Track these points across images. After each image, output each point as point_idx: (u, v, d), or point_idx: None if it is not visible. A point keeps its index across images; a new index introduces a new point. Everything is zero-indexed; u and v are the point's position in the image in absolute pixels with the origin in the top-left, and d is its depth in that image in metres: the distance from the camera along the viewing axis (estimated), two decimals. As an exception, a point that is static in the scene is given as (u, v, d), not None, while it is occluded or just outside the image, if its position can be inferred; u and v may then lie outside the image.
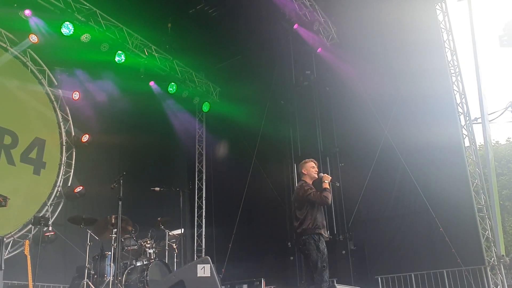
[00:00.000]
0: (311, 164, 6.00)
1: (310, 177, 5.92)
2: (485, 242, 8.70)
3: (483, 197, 8.92)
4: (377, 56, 10.44)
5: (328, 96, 11.18)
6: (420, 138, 9.30)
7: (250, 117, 11.60)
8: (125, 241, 7.65)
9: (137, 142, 11.15)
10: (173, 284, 2.36)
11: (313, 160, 6.09)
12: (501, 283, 8.47)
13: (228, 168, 12.33)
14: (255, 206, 11.40)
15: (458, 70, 9.71)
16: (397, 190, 9.59)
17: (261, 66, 12.07)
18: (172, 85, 11.86)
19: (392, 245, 9.33)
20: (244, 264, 10.59)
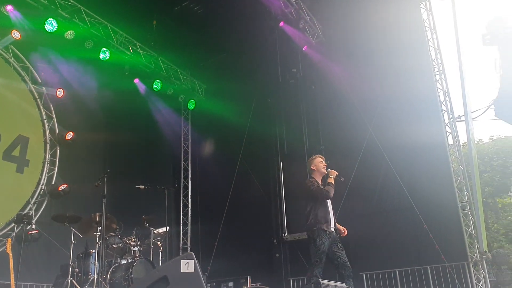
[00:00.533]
0: (319, 159, 6.16)
1: (320, 173, 6.08)
2: (468, 238, 8.80)
3: (466, 194, 9.03)
4: (362, 54, 10.50)
5: (314, 94, 11.20)
6: (404, 136, 9.38)
7: (236, 115, 11.58)
8: (109, 239, 7.62)
9: (121, 140, 11.06)
10: (156, 280, 2.35)
11: (321, 156, 6.29)
12: (484, 278, 8.58)
13: (214, 166, 12.29)
14: (241, 204, 11.40)
15: (442, 69, 9.80)
16: (381, 187, 9.67)
17: (247, 63, 12.05)
18: (157, 82, 11.79)
19: (377, 241, 9.40)
20: (230, 261, 10.60)
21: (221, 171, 11.99)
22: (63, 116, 10.44)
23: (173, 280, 2.34)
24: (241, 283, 9.74)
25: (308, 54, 11.13)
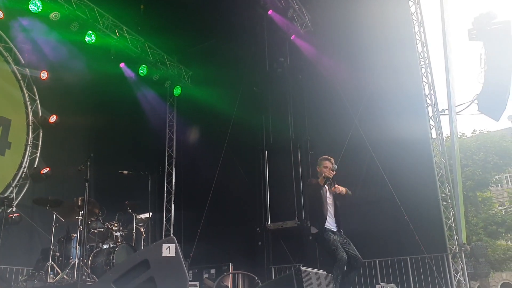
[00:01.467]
0: (324, 163, 6.13)
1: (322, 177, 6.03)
2: (448, 230, 8.95)
3: (448, 187, 9.16)
4: (349, 45, 10.52)
5: (300, 84, 11.21)
6: (389, 128, 9.45)
7: (223, 103, 11.53)
8: (91, 224, 7.58)
9: (106, 124, 10.95)
10: (137, 263, 2.35)
11: (329, 158, 6.20)
12: (462, 270, 8.75)
13: (199, 153, 12.25)
14: (225, 191, 11.40)
15: (428, 62, 9.87)
16: (364, 178, 9.73)
17: (234, 51, 11.99)
18: (143, 67, 11.68)
19: (358, 231, 9.40)
20: (213, 248, 10.64)
21: (206, 159, 11.96)
22: (47, 98, 10.28)
23: (154, 264, 2.34)
24: (223, 270, 9.78)
25: (296, 44, 11.12)
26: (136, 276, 2.33)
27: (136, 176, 8.42)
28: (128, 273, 2.34)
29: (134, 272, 2.34)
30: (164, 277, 2.33)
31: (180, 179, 12.81)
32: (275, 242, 10.47)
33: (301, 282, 2.79)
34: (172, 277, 2.36)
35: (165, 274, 2.35)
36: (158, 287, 2.28)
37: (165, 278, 2.33)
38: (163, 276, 2.33)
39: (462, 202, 9.50)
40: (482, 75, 10.06)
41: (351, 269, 5.64)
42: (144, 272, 2.34)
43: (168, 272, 2.37)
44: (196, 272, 10.16)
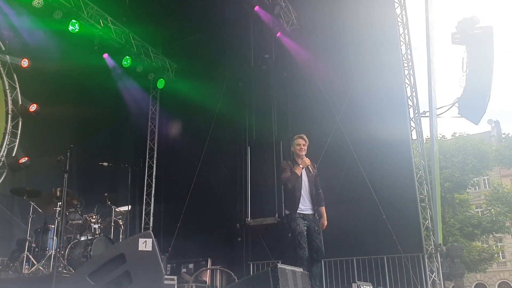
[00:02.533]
0: (298, 141, 6.12)
1: (296, 155, 6.05)
2: (425, 231, 9.08)
3: (426, 188, 9.29)
4: (334, 44, 10.57)
5: (285, 81, 11.22)
6: (370, 128, 9.55)
7: (206, 97, 11.49)
8: (69, 215, 7.52)
9: (87, 115, 10.81)
10: (113, 257, 2.34)
11: (302, 136, 6.19)
12: (437, 270, 8.89)
13: (181, 147, 12.19)
14: (206, 186, 11.38)
15: (411, 64, 9.98)
16: (344, 177, 9.82)
17: (220, 46, 11.95)
18: (127, 58, 11.55)
19: (337, 230, 9.49)
20: (192, 243, 10.62)
21: (187, 153, 11.91)
22: (28, 87, 10.11)
23: (130, 258, 2.33)
24: (201, 265, 9.78)
25: (281, 41, 11.11)
26: (112, 270, 2.32)
27: (116, 168, 8.38)
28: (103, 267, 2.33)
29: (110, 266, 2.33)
30: (140, 272, 2.32)
31: (160, 173, 12.74)
32: (255, 238, 10.50)
33: (277, 279, 2.81)
34: (148, 271, 2.35)
35: (141, 268, 2.35)
36: (133, 282, 2.27)
37: (141, 272, 2.32)
38: (139, 271, 2.33)
39: (439, 203, 9.65)
40: (463, 78, 10.21)
41: (313, 262, 5.66)
42: (119, 266, 2.33)
43: (144, 266, 2.37)
44: (174, 267, 10.14)
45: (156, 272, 2.35)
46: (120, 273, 2.31)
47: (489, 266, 27.99)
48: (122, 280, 2.30)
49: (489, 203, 28.11)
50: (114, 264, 2.35)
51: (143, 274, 2.32)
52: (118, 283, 2.29)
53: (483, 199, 30.93)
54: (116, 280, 2.30)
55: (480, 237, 27.13)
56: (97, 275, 2.30)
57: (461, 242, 23.23)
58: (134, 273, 2.30)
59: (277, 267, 2.92)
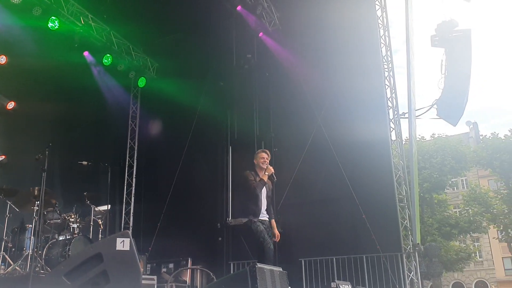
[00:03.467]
0: (261, 155, 6.56)
1: (259, 167, 6.48)
2: (403, 230, 9.20)
3: (405, 188, 9.42)
4: (317, 45, 10.64)
5: (267, 81, 11.26)
6: (350, 128, 9.64)
7: (188, 96, 11.44)
8: (47, 215, 7.42)
9: (66, 113, 10.66)
10: (90, 257, 2.32)
11: (266, 151, 6.67)
12: (415, 269, 9.03)
13: (162, 146, 12.12)
14: (187, 186, 11.33)
15: (391, 66, 10.11)
16: (324, 177, 9.90)
17: (202, 45, 11.90)
18: (108, 56, 11.41)
19: (317, 229, 9.65)
20: (172, 243, 10.56)
21: (168, 152, 11.85)
22: (5, 84, 9.90)
23: (107, 258, 2.32)
24: (181, 264, 9.75)
25: (263, 41, 11.15)
26: (89, 270, 2.30)
27: (96, 168, 8.29)
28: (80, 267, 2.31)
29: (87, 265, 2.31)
30: (117, 271, 2.31)
31: (141, 172, 12.64)
32: (235, 238, 10.50)
33: (255, 279, 2.82)
34: (126, 271, 2.34)
35: (119, 268, 2.34)
36: (111, 281, 2.26)
37: (118, 272, 2.31)
38: (116, 270, 2.31)
39: (418, 203, 9.79)
40: (442, 81, 10.37)
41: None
42: (97, 266, 2.31)
43: (122, 266, 2.35)
44: (154, 266, 10.09)
45: (133, 272, 2.34)
46: (97, 273, 2.30)
47: (466, 265, 28.52)
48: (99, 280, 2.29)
49: (466, 204, 28.61)
50: (91, 263, 2.33)
51: (120, 274, 2.31)
52: (95, 282, 2.27)
53: (460, 200, 31.46)
54: (93, 279, 2.28)
55: (458, 237, 27.61)
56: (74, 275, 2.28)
57: (439, 241, 23.62)
58: (112, 273, 2.29)
59: (255, 266, 2.93)
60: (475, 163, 28.32)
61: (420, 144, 26.44)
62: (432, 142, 28.50)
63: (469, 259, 27.94)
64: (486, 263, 36.94)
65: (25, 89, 10.15)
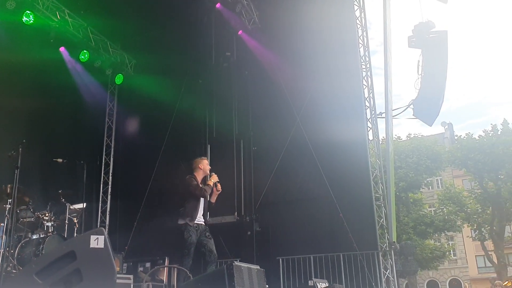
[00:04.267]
0: (206, 161, 6.99)
1: (204, 172, 6.85)
2: (380, 229, 9.30)
3: (381, 187, 9.52)
4: (295, 44, 10.67)
5: (246, 80, 11.23)
6: (329, 128, 9.70)
7: (166, 94, 11.34)
8: (20, 213, 7.25)
9: (41, 110, 10.45)
10: (62, 254, 2.26)
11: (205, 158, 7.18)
12: (391, 267, 9.13)
13: (139, 144, 11.99)
14: (165, 185, 11.22)
15: (369, 66, 10.20)
16: (303, 176, 9.95)
17: (180, 42, 11.79)
18: (84, 53, 11.24)
19: (295, 228, 9.68)
20: (149, 242, 10.48)
21: (145, 150, 11.73)
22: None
23: (81, 256, 2.26)
24: (158, 263, 9.65)
25: (243, 39, 11.12)
26: (61, 268, 2.24)
27: (72, 165, 8.15)
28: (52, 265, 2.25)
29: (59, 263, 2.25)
30: (91, 269, 2.26)
31: (118, 170, 12.48)
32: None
33: (232, 276, 2.80)
34: (100, 269, 2.29)
35: (93, 266, 2.28)
36: (84, 279, 2.21)
37: (92, 270, 2.26)
38: (90, 268, 2.26)
39: (394, 202, 9.91)
40: (418, 81, 10.53)
41: (207, 263, 6.33)
42: (69, 264, 2.25)
43: (96, 264, 2.30)
44: (130, 265, 9.96)
45: (108, 270, 2.29)
46: (70, 271, 2.24)
47: (441, 263, 29.01)
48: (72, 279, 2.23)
49: (441, 203, 29.11)
50: (63, 261, 2.27)
51: (94, 272, 2.26)
52: (67, 281, 2.22)
53: (435, 199, 32.00)
54: (66, 278, 2.23)
55: (433, 236, 28.07)
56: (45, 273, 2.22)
57: (414, 240, 23.96)
58: (85, 271, 2.23)
59: (233, 264, 2.91)
60: (450, 163, 28.83)
61: (396, 144, 26.78)
62: (408, 142, 28.91)
63: (443, 258, 28.44)
64: (460, 261, 37.67)
65: None
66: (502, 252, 26.79)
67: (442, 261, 28.97)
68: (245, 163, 10.69)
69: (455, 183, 32.79)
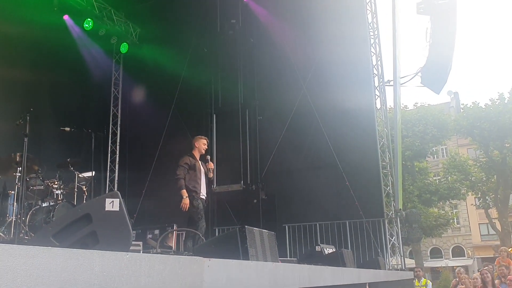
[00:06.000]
0: (203, 141, 7.07)
1: (199, 151, 7.00)
2: (386, 197, 9.37)
3: (388, 156, 9.54)
4: (302, 11, 10.51)
5: (252, 48, 11.12)
6: (335, 96, 9.66)
7: (171, 63, 11.27)
8: (30, 181, 7.29)
9: (47, 78, 10.42)
10: (78, 217, 2.30)
11: (207, 139, 7.21)
12: (396, 234, 9.25)
13: (146, 114, 11.98)
14: (172, 153, 11.25)
15: (377, 33, 10.06)
16: (309, 145, 9.96)
17: (185, 10, 11.64)
18: (88, 21, 11.12)
19: (301, 196, 9.76)
20: (157, 210, 10.59)
21: (152, 120, 11.74)
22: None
23: (96, 218, 2.29)
24: (167, 230, 9.77)
25: (248, 6, 10.95)
26: (77, 230, 2.28)
27: (79, 134, 8.14)
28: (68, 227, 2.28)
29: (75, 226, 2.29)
30: (107, 232, 2.29)
31: (125, 139, 12.53)
32: (220, 205, 10.57)
33: (244, 238, 2.85)
34: (116, 231, 2.32)
35: (108, 228, 2.32)
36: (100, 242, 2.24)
37: (108, 232, 2.29)
38: (105, 231, 2.29)
39: (400, 170, 9.95)
40: (426, 48, 10.40)
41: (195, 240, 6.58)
42: (85, 227, 2.29)
43: (111, 226, 2.33)
44: (139, 233, 10.05)
45: (124, 232, 2.33)
46: (86, 233, 2.27)
47: (444, 231, 29.30)
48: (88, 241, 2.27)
49: (446, 171, 29.15)
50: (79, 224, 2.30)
51: (110, 234, 2.29)
52: (84, 243, 2.25)
53: (441, 168, 32.03)
54: (82, 240, 2.26)
55: (437, 204, 28.25)
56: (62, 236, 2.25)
57: (419, 208, 24.14)
58: (101, 233, 2.27)
59: (245, 227, 2.96)
60: (456, 132, 28.72)
61: (403, 113, 26.61)
62: (415, 111, 28.74)
63: (447, 225, 28.71)
64: (463, 229, 37.99)
65: (5, 53, 9.84)
66: (506, 220, 26.96)
67: (445, 229, 29.25)
68: (250, 132, 10.70)
69: (460, 152, 32.74)
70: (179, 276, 1.93)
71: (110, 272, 1.59)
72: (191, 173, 6.85)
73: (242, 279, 2.48)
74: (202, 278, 2.07)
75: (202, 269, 2.09)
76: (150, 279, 1.76)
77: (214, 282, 2.18)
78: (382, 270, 7.18)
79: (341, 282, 4.34)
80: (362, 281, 5.40)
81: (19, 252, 1.33)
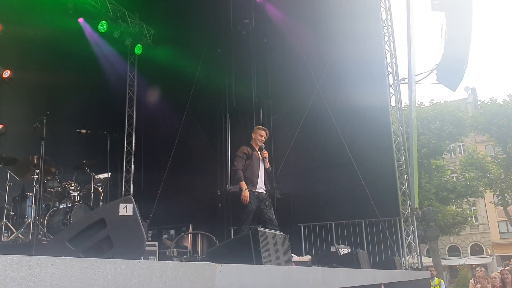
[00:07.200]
0: (261, 132, 6.68)
1: (256, 144, 6.60)
2: (402, 195, 9.30)
3: (404, 154, 9.46)
4: (315, 10, 10.48)
5: (265, 48, 11.12)
6: (350, 94, 9.60)
7: (185, 63, 11.34)
8: (47, 183, 7.41)
9: (63, 81, 10.56)
10: (93, 222, 2.33)
11: (266, 130, 6.80)
12: (413, 233, 9.17)
13: (160, 114, 12.08)
14: (187, 153, 11.36)
15: (391, 30, 9.98)
16: (323, 143, 9.93)
17: (198, 10, 11.70)
18: (103, 23, 11.23)
19: (316, 195, 9.74)
20: (173, 210, 10.67)
21: (167, 120, 11.82)
22: (0, 52, 9.78)
23: (111, 223, 2.32)
24: (182, 231, 9.85)
25: (261, 6, 10.95)
26: (92, 235, 2.31)
27: (95, 136, 8.23)
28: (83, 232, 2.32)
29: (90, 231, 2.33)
30: (121, 236, 2.32)
31: (140, 140, 12.64)
32: (235, 205, 10.57)
33: (257, 241, 2.86)
34: (129, 236, 2.36)
35: (122, 233, 2.35)
36: (114, 246, 2.28)
37: (122, 237, 2.32)
38: (120, 235, 2.33)
39: (416, 168, 9.86)
40: (442, 45, 10.29)
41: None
42: (100, 231, 2.32)
43: (125, 231, 2.37)
44: (155, 233, 10.19)
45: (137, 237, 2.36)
46: (100, 238, 2.31)
47: (462, 229, 28.92)
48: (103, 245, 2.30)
49: (464, 169, 28.79)
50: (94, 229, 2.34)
51: (124, 239, 2.32)
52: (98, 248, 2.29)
53: (458, 165, 31.63)
54: (97, 245, 2.30)
55: (455, 202, 27.90)
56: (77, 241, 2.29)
57: (436, 206, 23.87)
58: (115, 238, 2.30)
59: (257, 230, 2.96)
60: (473, 129, 28.34)
61: (418, 110, 26.37)
62: (430, 108, 28.42)
63: (465, 223, 28.33)
64: (482, 227, 37.50)
65: (21, 57, 10.03)
66: (525, 218, 26.55)
67: (463, 227, 28.88)
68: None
69: (478, 149, 32.31)
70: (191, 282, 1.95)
71: (122, 280, 1.61)
72: (248, 163, 6.43)
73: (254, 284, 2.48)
74: (214, 284, 2.09)
75: (214, 275, 2.11)
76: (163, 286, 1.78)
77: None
78: (397, 270, 7.14)
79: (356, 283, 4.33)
80: (377, 281, 5.38)
81: (35, 262, 1.36)
